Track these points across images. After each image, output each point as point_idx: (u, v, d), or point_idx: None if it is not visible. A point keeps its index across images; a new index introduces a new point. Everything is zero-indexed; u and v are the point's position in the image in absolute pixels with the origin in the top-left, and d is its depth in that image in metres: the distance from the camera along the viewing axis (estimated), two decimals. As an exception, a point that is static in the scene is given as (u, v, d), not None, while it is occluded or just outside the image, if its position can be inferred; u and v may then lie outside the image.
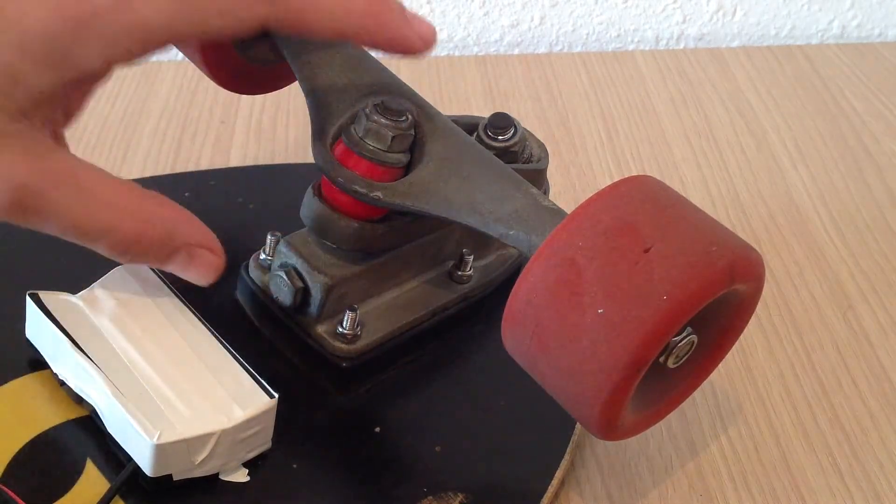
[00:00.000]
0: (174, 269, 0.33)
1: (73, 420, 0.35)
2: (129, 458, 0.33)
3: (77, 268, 0.37)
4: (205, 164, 0.53)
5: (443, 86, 0.62)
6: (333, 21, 0.30)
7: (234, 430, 0.33)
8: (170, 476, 0.33)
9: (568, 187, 0.54)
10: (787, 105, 0.62)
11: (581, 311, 0.29)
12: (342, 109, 0.37)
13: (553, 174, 0.52)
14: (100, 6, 0.28)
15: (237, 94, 0.44)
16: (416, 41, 0.32)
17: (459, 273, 0.41)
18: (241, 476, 0.34)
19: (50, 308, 0.35)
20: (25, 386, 0.36)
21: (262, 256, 0.40)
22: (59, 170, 0.29)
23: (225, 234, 0.36)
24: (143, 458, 0.32)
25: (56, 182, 0.29)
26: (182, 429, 0.32)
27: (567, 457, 0.37)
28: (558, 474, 0.36)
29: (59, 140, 0.32)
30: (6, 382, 0.36)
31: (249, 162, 0.53)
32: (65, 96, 0.32)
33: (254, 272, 0.40)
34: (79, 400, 0.35)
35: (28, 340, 0.36)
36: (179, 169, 0.52)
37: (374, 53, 0.39)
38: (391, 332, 0.39)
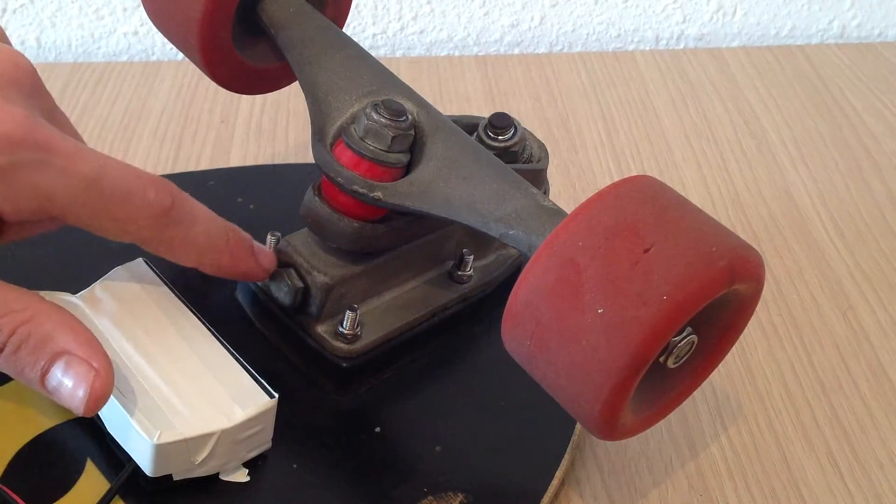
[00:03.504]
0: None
1: (73, 420, 0.35)
2: (129, 458, 0.33)
3: (77, 268, 0.37)
4: (205, 164, 0.53)
5: (443, 86, 0.62)
6: (198, 255, 0.35)
7: (234, 430, 0.33)
8: (170, 476, 0.33)
9: (568, 187, 0.54)
10: (787, 105, 0.62)
11: (581, 311, 0.29)
12: (342, 109, 0.37)
13: (553, 174, 0.52)
14: None
15: (237, 94, 0.44)
16: (259, 272, 0.37)
17: (459, 273, 0.41)
18: (241, 476, 0.34)
19: (50, 308, 0.35)
20: (26, 386, 0.36)
21: (262, 256, 0.40)
22: None
23: (225, 234, 0.36)
24: (143, 458, 0.32)
25: None
26: (182, 429, 0.32)
27: (567, 457, 0.37)
28: (558, 474, 0.36)
29: None
30: (6, 382, 0.36)
31: (249, 162, 0.54)
32: None
33: (254, 272, 0.40)
34: (79, 400, 0.35)
35: (28, 340, 0.36)
36: (179, 169, 0.52)
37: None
38: (391, 332, 0.39)
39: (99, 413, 0.34)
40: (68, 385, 0.30)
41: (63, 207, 0.31)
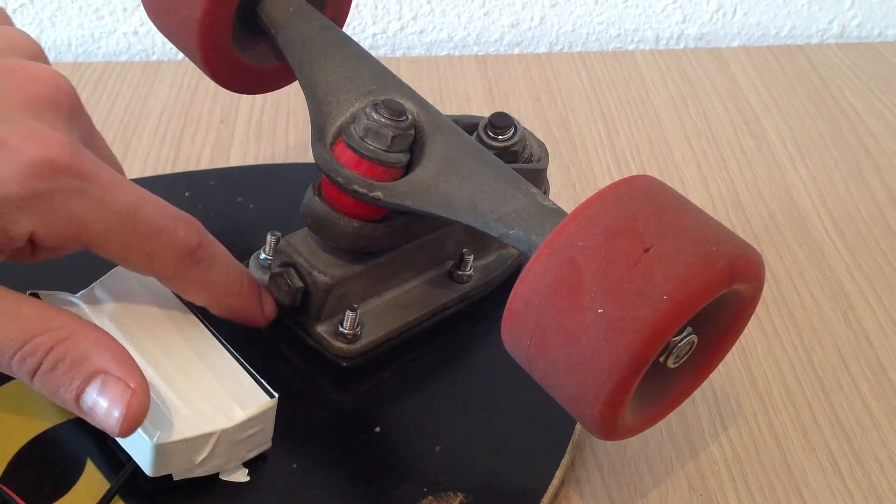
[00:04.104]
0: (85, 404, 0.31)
1: (73, 420, 0.35)
2: (129, 458, 0.33)
3: (77, 268, 0.37)
4: (205, 164, 0.53)
5: (443, 86, 0.62)
6: (213, 296, 0.35)
7: (234, 430, 0.33)
8: (170, 476, 0.33)
9: (568, 187, 0.54)
10: (787, 105, 0.62)
11: (581, 311, 0.29)
12: (342, 109, 0.37)
13: (553, 174, 0.52)
14: None
15: (237, 94, 0.44)
16: (261, 319, 0.37)
17: (459, 273, 0.41)
18: (241, 476, 0.34)
19: (50, 308, 0.35)
20: (26, 386, 0.36)
21: (262, 256, 0.40)
22: None
23: (225, 234, 0.36)
24: (143, 458, 0.32)
25: None
26: (182, 429, 0.32)
27: (567, 457, 0.37)
28: (558, 474, 0.36)
29: None
30: (6, 382, 0.36)
31: (249, 162, 0.54)
32: None
33: (254, 272, 0.40)
34: (79, 400, 0.35)
35: (28, 340, 0.36)
36: (179, 169, 0.52)
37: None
38: (391, 331, 0.39)
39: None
40: (104, 405, 0.30)
41: (96, 237, 0.31)
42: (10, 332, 0.30)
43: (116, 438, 0.33)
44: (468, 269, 0.41)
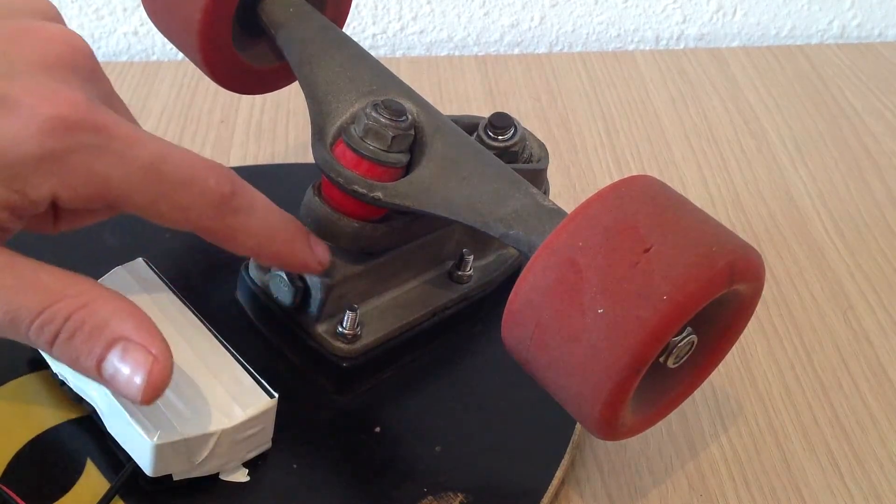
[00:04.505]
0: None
1: (73, 420, 0.35)
2: (129, 458, 0.33)
3: (77, 268, 0.37)
4: (205, 164, 0.53)
5: (443, 86, 0.62)
6: (256, 245, 0.33)
7: (234, 430, 0.33)
8: (170, 476, 0.33)
9: (568, 187, 0.54)
10: (787, 105, 0.62)
11: (581, 311, 0.29)
12: (342, 109, 0.37)
13: (553, 174, 0.52)
14: None
15: (237, 94, 0.44)
16: (315, 265, 0.36)
17: (459, 273, 0.41)
18: (241, 476, 0.34)
19: (50, 308, 0.35)
20: (25, 386, 0.36)
21: (262, 256, 0.40)
22: None
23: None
24: (143, 458, 0.32)
25: None
26: (182, 429, 0.32)
27: (567, 457, 0.37)
28: (558, 474, 0.36)
29: None
30: (6, 382, 0.36)
31: (249, 162, 0.54)
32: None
33: (254, 272, 0.40)
34: (79, 400, 0.35)
35: (28, 340, 0.36)
36: (179, 169, 0.52)
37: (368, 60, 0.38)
38: (391, 332, 0.39)
39: (99, 413, 0.34)
40: (125, 372, 0.29)
41: (120, 193, 0.30)
42: (27, 301, 0.29)
43: (116, 438, 0.33)
44: (468, 269, 0.41)
